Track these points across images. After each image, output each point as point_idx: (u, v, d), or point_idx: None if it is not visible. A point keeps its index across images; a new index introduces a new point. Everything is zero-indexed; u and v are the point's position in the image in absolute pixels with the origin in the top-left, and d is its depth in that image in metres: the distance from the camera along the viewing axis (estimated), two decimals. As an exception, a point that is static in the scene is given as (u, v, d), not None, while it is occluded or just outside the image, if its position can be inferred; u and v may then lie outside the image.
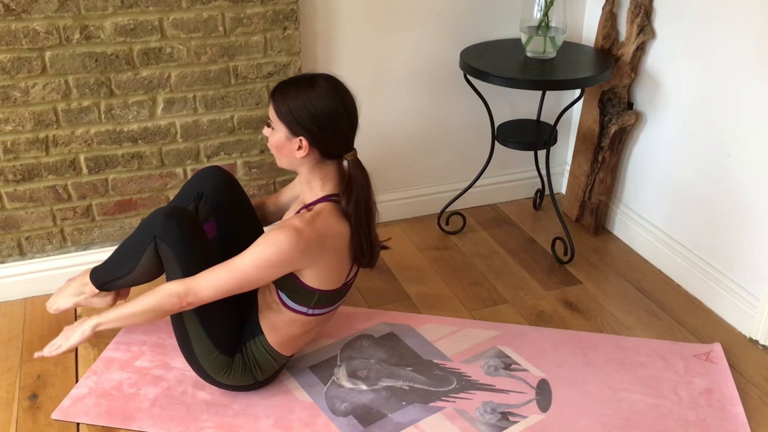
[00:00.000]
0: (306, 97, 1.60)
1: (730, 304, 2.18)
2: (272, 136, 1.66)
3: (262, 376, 1.82)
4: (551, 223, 2.73)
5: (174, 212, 1.75)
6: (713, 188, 2.20)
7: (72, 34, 2.00)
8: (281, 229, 1.60)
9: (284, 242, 1.58)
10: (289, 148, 1.64)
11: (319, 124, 1.60)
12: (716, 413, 1.83)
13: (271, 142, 1.67)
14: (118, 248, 1.87)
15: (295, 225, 1.61)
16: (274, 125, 1.65)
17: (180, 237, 1.72)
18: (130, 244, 1.82)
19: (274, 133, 1.66)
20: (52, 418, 1.80)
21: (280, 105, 1.62)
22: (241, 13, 2.13)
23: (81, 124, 2.12)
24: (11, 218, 2.18)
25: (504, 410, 1.84)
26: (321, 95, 1.60)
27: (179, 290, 1.63)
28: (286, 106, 1.61)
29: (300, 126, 1.61)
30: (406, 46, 2.46)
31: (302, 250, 1.61)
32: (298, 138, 1.62)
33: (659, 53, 2.34)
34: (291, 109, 1.60)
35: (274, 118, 1.64)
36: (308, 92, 1.61)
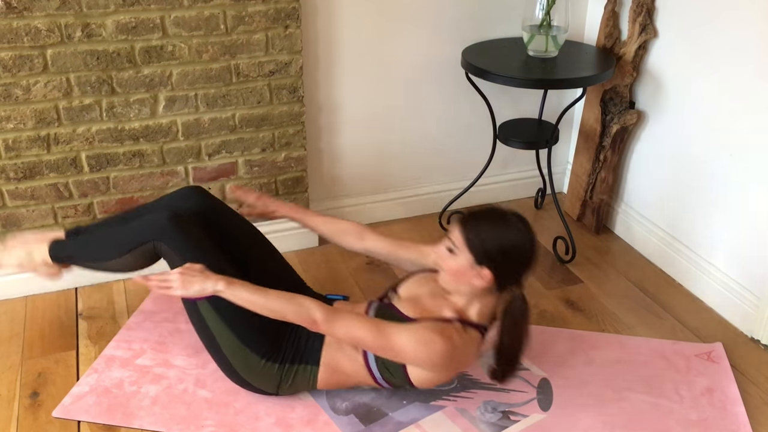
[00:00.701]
0: (501, 233, 1.62)
1: (731, 303, 2.18)
2: (452, 261, 1.65)
3: (284, 392, 1.81)
4: (553, 222, 2.73)
5: (174, 217, 1.76)
6: (715, 188, 2.20)
7: (73, 32, 2.00)
8: (443, 338, 1.61)
9: (438, 351, 1.60)
10: (468, 275, 1.64)
11: (508, 260, 1.63)
12: (718, 413, 1.83)
13: (449, 266, 1.66)
14: (97, 236, 1.89)
15: (455, 343, 1.63)
16: (458, 251, 1.64)
17: (185, 239, 1.73)
18: (118, 237, 1.83)
19: (455, 258, 1.64)
20: (53, 416, 1.80)
21: (472, 235, 1.62)
22: (243, 12, 2.13)
23: (82, 122, 2.12)
24: (12, 216, 2.18)
25: (505, 409, 1.84)
26: (515, 233, 1.63)
27: (319, 318, 1.61)
28: (478, 237, 1.61)
29: (489, 259, 1.61)
30: (407, 44, 2.46)
31: (443, 365, 1.64)
32: (481, 268, 1.62)
33: (661, 52, 2.34)
34: (484, 242, 1.61)
35: (461, 245, 1.63)
36: (503, 228, 1.63)
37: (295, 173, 2.43)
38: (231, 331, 1.73)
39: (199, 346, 2.01)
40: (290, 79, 2.27)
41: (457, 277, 1.66)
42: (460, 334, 1.66)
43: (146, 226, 1.79)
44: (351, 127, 2.53)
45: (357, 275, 2.39)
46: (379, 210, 2.71)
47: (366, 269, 2.42)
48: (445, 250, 1.67)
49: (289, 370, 1.76)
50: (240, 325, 1.73)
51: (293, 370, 1.76)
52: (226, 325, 1.72)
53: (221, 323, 1.72)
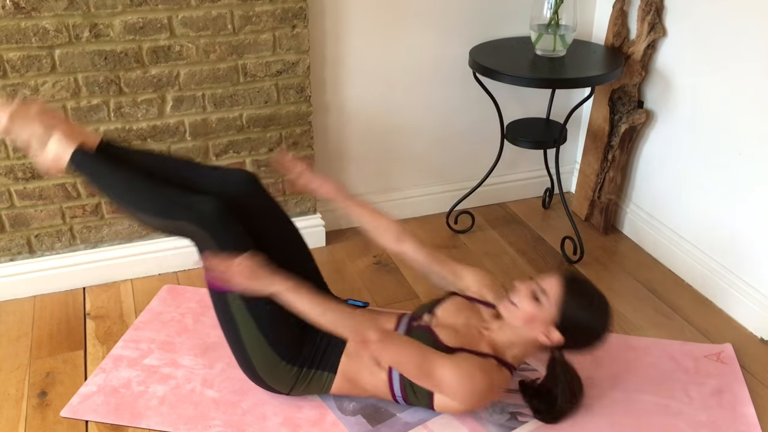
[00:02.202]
0: (591, 315, 1.64)
1: (741, 304, 2.17)
2: (533, 308, 1.63)
3: (296, 393, 1.80)
4: (560, 222, 2.72)
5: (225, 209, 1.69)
6: (723, 188, 2.19)
7: (81, 32, 2.00)
8: (484, 375, 1.62)
9: (477, 387, 1.61)
10: (537, 328, 1.64)
11: (582, 338, 1.66)
12: (727, 414, 1.82)
13: (527, 311, 1.64)
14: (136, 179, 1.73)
15: (493, 381, 1.64)
16: (545, 302, 1.62)
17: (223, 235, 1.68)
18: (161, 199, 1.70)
19: (537, 307, 1.63)
20: (60, 415, 1.81)
21: (573, 300, 1.62)
22: (250, 11, 2.12)
23: (90, 122, 2.13)
24: (21, 216, 2.18)
25: (513, 410, 1.83)
26: (604, 323, 1.65)
27: (373, 337, 1.58)
28: (576, 305, 1.62)
29: (567, 329, 1.62)
30: (415, 44, 2.45)
31: (474, 401, 1.64)
32: (555, 331, 1.62)
33: (670, 51, 2.33)
34: (573, 316, 1.62)
35: (555, 300, 1.62)
36: (596, 312, 1.65)
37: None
38: (257, 327, 1.70)
39: (206, 346, 2.01)
40: (297, 79, 2.27)
41: (526, 323, 1.65)
42: (497, 372, 1.66)
43: (192, 207, 1.68)
44: (358, 127, 2.53)
45: (364, 276, 2.39)
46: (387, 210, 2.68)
47: (373, 270, 2.42)
48: (530, 293, 1.65)
49: (306, 374, 1.75)
50: (267, 322, 1.70)
51: (310, 375, 1.75)
52: (254, 320, 1.70)
53: (249, 318, 1.70)
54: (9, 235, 2.20)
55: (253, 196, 1.85)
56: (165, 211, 1.71)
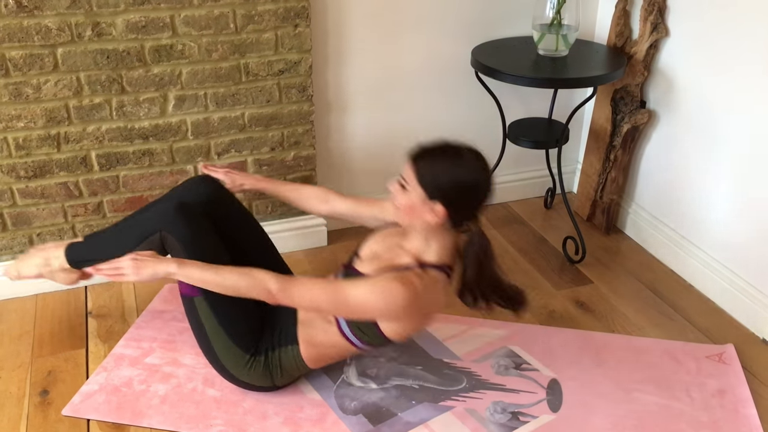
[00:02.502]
0: (452, 168, 1.59)
1: (743, 304, 2.17)
2: (404, 197, 1.62)
3: (281, 381, 1.82)
4: (562, 222, 2.72)
5: (181, 207, 1.77)
6: (726, 188, 2.18)
7: (84, 31, 2.00)
8: (400, 283, 1.57)
9: (399, 297, 1.57)
10: (420, 211, 1.62)
11: (461, 195, 1.60)
12: (729, 415, 1.82)
13: (401, 201, 1.63)
14: (108, 233, 1.88)
15: (415, 285, 1.59)
16: (410, 187, 1.61)
17: (189, 231, 1.74)
18: (128, 231, 1.83)
19: (407, 194, 1.61)
20: (62, 414, 1.81)
21: (424, 170, 1.59)
22: (253, 11, 2.12)
23: (92, 121, 2.13)
24: (23, 215, 2.18)
25: (514, 410, 1.83)
26: (468, 168, 1.60)
27: (274, 287, 1.61)
28: (430, 172, 1.58)
29: (440, 193, 1.59)
30: (417, 43, 2.45)
31: (408, 311, 1.61)
32: (434, 203, 1.60)
33: (673, 51, 2.32)
34: (435, 176, 1.58)
35: (413, 180, 1.59)
36: (455, 163, 1.59)
37: (304, 172, 2.43)
38: (223, 328, 1.74)
39: (207, 345, 2.02)
40: (299, 78, 2.26)
41: (410, 213, 1.63)
42: (420, 277, 1.62)
43: (153, 216, 1.79)
44: (360, 126, 2.53)
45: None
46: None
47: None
48: (398, 186, 1.65)
49: (273, 357, 1.77)
50: (231, 321, 1.74)
51: (277, 356, 1.77)
52: (218, 321, 1.74)
53: (213, 320, 1.74)
54: (11, 233, 2.20)
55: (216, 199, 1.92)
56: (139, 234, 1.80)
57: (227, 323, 1.74)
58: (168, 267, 1.66)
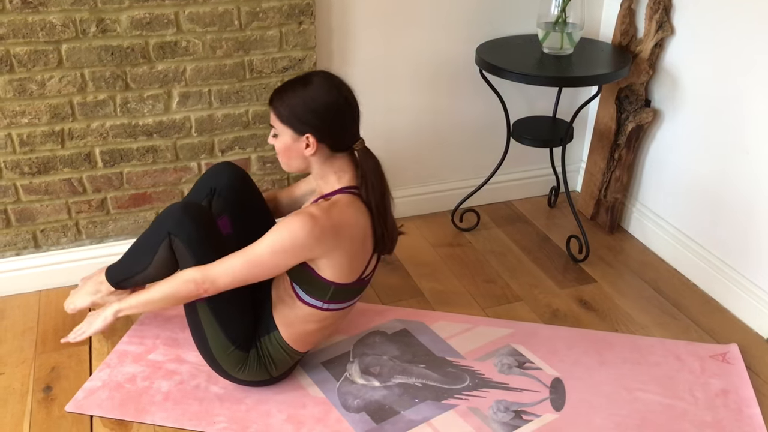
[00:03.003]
0: (304, 95, 1.62)
1: (747, 304, 2.16)
2: (278, 143, 1.68)
3: (276, 372, 1.82)
4: (566, 221, 2.72)
5: (188, 207, 1.76)
6: (731, 187, 2.18)
7: (88, 27, 2.00)
8: (296, 215, 1.60)
9: (299, 228, 1.58)
10: (297, 148, 1.65)
11: (322, 118, 1.62)
12: (732, 414, 1.81)
13: (278, 148, 1.69)
14: (133, 246, 1.88)
15: (310, 211, 1.61)
16: (277, 131, 1.66)
17: (194, 232, 1.73)
18: (145, 240, 1.83)
19: (279, 139, 1.67)
20: (65, 410, 1.81)
21: (280, 108, 1.63)
22: (257, 8, 2.12)
23: (96, 118, 2.13)
24: (27, 211, 2.19)
25: (517, 409, 1.83)
26: (318, 90, 1.62)
27: (196, 277, 1.64)
28: (286, 107, 1.62)
29: (304, 124, 1.62)
30: (421, 41, 2.45)
31: (317, 237, 1.60)
32: (305, 136, 1.63)
33: (678, 50, 2.32)
34: (292, 110, 1.62)
35: (277, 123, 1.65)
36: (305, 90, 1.62)
37: (308, 170, 2.42)
38: (222, 332, 1.74)
39: (211, 342, 2.02)
40: (304, 76, 2.26)
41: (289, 155, 1.67)
42: (318, 205, 1.64)
43: (163, 219, 1.78)
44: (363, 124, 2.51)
45: (369, 272, 2.39)
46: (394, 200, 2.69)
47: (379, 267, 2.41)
48: (272, 138, 1.68)
49: (261, 349, 1.78)
50: (229, 325, 1.74)
51: (264, 347, 1.78)
52: (219, 326, 1.74)
53: (215, 325, 1.74)
54: (15, 229, 2.20)
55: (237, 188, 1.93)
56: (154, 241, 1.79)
57: (227, 328, 1.74)
58: (112, 308, 1.75)
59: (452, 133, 2.66)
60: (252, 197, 1.95)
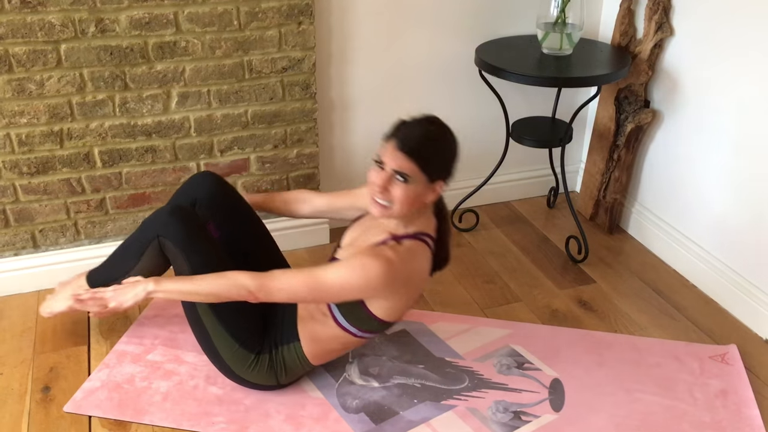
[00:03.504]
0: (442, 144, 1.63)
1: (746, 305, 2.16)
2: (406, 189, 1.58)
3: (285, 380, 1.82)
4: (565, 221, 2.72)
5: (176, 210, 1.77)
6: (731, 188, 2.18)
7: (87, 27, 2.00)
8: (374, 258, 1.57)
9: (375, 272, 1.56)
10: (423, 195, 1.62)
11: (453, 166, 1.65)
12: (731, 415, 1.81)
13: (405, 194, 1.59)
14: (116, 251, 1.90)
15: (389, 258, 1.57)
16: (411, 179, 1.58)
17: (184, 233, 1.73)
18: (130, 244, 1.84)
19: (409, 187, 1.58)
20: (64, 410, 1.81)
21: (421, 158, 1.57)
22: (256, 8, 2.12)
23: (95, 118, 2.12)
24: (25, 211, 2.18)
25: (516, 409, 1.83)
26: (449, 138, 1.64)
27: (252, 286, 1.60)
28: (427, 157, 1.58)
29: (439, 173, 1.62)
30: (421, 41, 2.45)
31: (389, 284, 1.59)
32: (435, 183, 1.62)
33: (677, 51, 2.32)
34: (433, 159, 1.60)
35: (414, 171, 1.57)
36: (442, 138, 1.64)
37: (307, 170, 2.42)
38: (224, 329, 1.73)
39: (210, 342, 2.01)
40: (303, 76, 2.26)
41: (411, 203, 1.62)
42: (394, 249, 1.61)
43: (150, 222, 1.80)
44: (363, 124, 2.52)
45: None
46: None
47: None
48: (397, 183, 1.58)
49: (276, 355, 1.77)
50: (231, 322, 1.74)
51: (280, 354, 1.77)
52: (220, 323, 1.73)
53: (215, 322, 1.73)
54: (13, 229, 2.20)
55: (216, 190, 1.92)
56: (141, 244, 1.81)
57: (229, 325, 1.74)
58: (146, 286, 1.67)
59: (451, 133, 2.65)
60: (233, 201, 1.94)
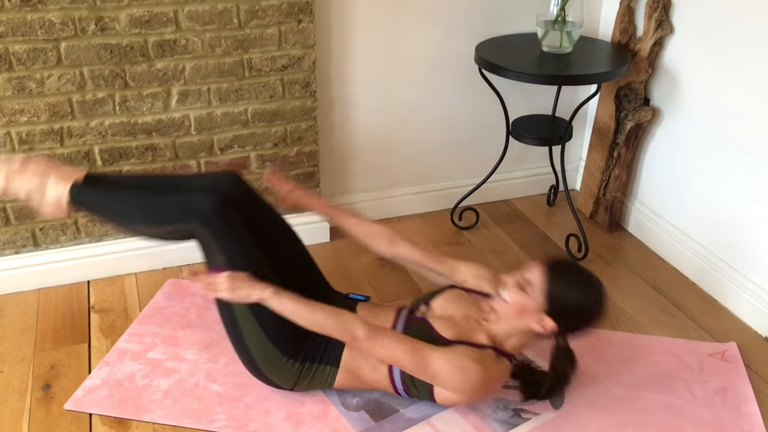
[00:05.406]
0: (581, 292, 1.64)
1: (745, 302, 2.16)
2: (522, 297, 1.64)
3: (300, 389, 1.80)
4: (565, 219, 2.72)
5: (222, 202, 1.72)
6: (730, 185, 2.18)
7: (87, 25, 2.00)
8: (479, 365, 1.61)
9: (475, 379, 1.61)
10: (529, 317, 1.64)
11: (576, 318, 1.64)
12: (731, 413, 1.81)
13: (517, 301, 1.64)
14: (131, 191, 1.80)
15: (490, 371, 1.63)
16: (531, 291, 1.63)
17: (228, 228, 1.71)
18: (158, 205, 1.76)
19: (526, 297, 1.63)
20: (64, 408, 1.81)
21: (555, 284, 1.61)
22: (256, 6, 2.12)
23: (95, 116, 2.13)
24: (26, 209, 2.18)
25: (517, 407, 1.83)
26: (593, 297, 1.64)
27: (360, 334, 1.61)
28: (560, 288, 1.61)
29: (560, 312, 1.62)
30: (420, 39, 2.45)
31: (472, 392, 1.64)
32: (547, 318, 1.63)
33: (677, 49, 2.32)
34: (563, 295, 1.62)
35: (539, 288, 1.62)
36: (585, 288, 1.64)
37: (307, 168, 2.42)
38: (259, 325, 1.71)
39: (210, 340, 2.02)
40: (303, 74, 2.26)
41: (518, 314, 1.66)
42: (495, 363, 1.66)
43: (191, 206, 1.73)
44: (363, 123, 2.52)
45: (367, 272, 2.39)
46: (391, 206, 2.70)
47: (377, 266, 2.42)
48: (516, 284, 1.66)
49: (308, 369, 1.75)
50: (269, 320, 1.70)
51: (312, 370, 1.75)
52: (255, 319, 1.70)
53: (250, 317, 1.70)
54: (14, 227, 2.20)
55: (244, 197, 1.88)
56: (167, 216, 1.76)
57: (267, 324, 1.70)
58: (263, 293, 1.64)
59: (451, 131, 2.66)
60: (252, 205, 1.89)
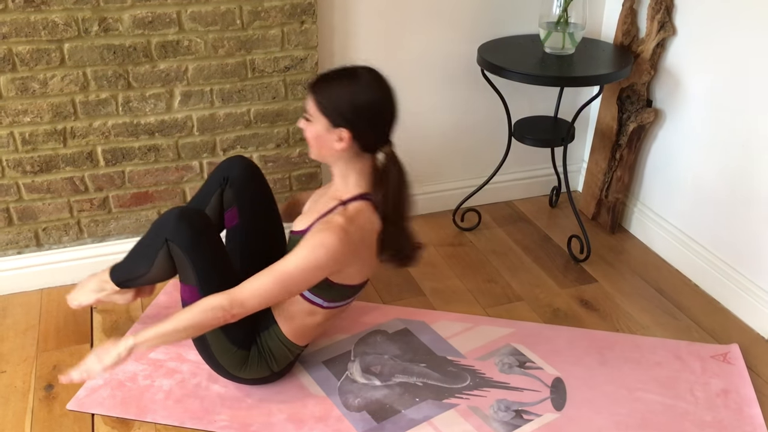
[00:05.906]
0: (349, 89, 1.59)
1: (748, 304, 2.16)
2: (310, 128, 1.64)
3: (277, 367, 1.82)
4: (567, 220, 2.72)
5: (185, 213, 1.73)
6: (733, 187, 2.18)
7: (90, 26, 2.00)
8: (328, 231, 1.57)
9: (335, 244, 1.56)
10: (328, 140, 1.62)
11: (361, 115, 1.59)
12: (733, 414, 1.81)
13: (309, 134, 1.64)
14: (134, 247, 1.87)
15: (341, 225, 1.58)
16: (312, 117, 1.62)
17: (191, 238, 1.71)
18: (144, 244, 1.83)
19: (311, 126, 1.63)
20: (67, 408, 1.81)
21: (321, 97, 1.60)
22: (259, 7, 2.12)
23: (98, 117, 2.13)
24: (29, 209, 2.19)
25: (518, 408, 1.83)
26: (364, 87, 1.60)
27: (223, 303, 1.58)
28: (327, 97, 1.59)
29: (342, 118, 1.59)
30: (423, 41, 2.45)
31: (351, 250, 1.60)
32: (339, 130, 1.60)
33: (680, 50, 2.32)
34: (333, 101, 1.58)
35: (314, 110, 1.61)
36: (351, 84, 1.59)
37: (309, 169, 2.43)
38: (222, 332, 1.72)
39: (212, 340, 2.02)
40: (305, 75, 2.26)
41: (318, 144, 1.64)
42: (343, 214, 1.62)
43: (158, 226, 1.77)
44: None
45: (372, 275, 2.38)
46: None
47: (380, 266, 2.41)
48: (303, 121, 1.65)
49: (261, 344, 1.78)
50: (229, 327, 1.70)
51: (264, 341, 1.78)
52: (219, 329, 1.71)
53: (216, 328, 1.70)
54: (17, 228, 2.20)
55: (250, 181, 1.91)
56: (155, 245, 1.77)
57: (226, 329, 1.72)
58: (126, 342, 1.60)
59: (453, 132, 2.66)
60: (262, 191, 1.94)
